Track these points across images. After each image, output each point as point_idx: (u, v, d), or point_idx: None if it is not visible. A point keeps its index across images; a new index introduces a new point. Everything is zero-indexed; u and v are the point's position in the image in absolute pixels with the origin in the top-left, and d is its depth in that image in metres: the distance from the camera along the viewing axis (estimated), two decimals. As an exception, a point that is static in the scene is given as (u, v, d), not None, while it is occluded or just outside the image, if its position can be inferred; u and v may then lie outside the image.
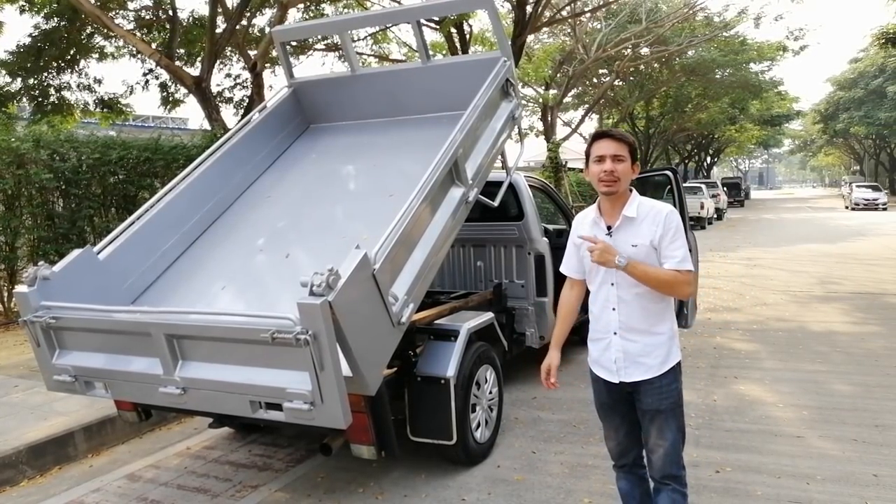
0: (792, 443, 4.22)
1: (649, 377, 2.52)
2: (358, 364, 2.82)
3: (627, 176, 2.50)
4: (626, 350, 2.53)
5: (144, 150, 8.57)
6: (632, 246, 2.48)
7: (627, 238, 2.50)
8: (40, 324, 3.26)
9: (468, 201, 3.98)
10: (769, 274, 11.76)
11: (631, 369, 2.54)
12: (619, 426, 2.70)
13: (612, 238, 2.52)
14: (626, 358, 2.53)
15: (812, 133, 57.56)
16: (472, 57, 6.08)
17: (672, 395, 2.54)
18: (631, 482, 2.78)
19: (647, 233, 2.47)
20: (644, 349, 2.52)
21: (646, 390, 2.53)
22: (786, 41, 24.21)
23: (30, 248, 7.90)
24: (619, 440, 2.73)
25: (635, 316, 2.52)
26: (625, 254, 2.45)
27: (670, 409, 2.54)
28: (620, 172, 2.47)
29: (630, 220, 2.51)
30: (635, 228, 2.50)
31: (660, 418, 2.54)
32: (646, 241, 2.47)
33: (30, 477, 4.07)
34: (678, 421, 2.57)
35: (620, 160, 2.48)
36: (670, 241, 2.46)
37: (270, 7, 13.14)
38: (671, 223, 2.47)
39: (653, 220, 2.48)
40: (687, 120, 34.48)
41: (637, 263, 2.43)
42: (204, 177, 4.35)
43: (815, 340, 6.84)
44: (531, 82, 23.99)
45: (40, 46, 12.41)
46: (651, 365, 2.52)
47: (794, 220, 26.78)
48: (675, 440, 2.56)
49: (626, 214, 2.51)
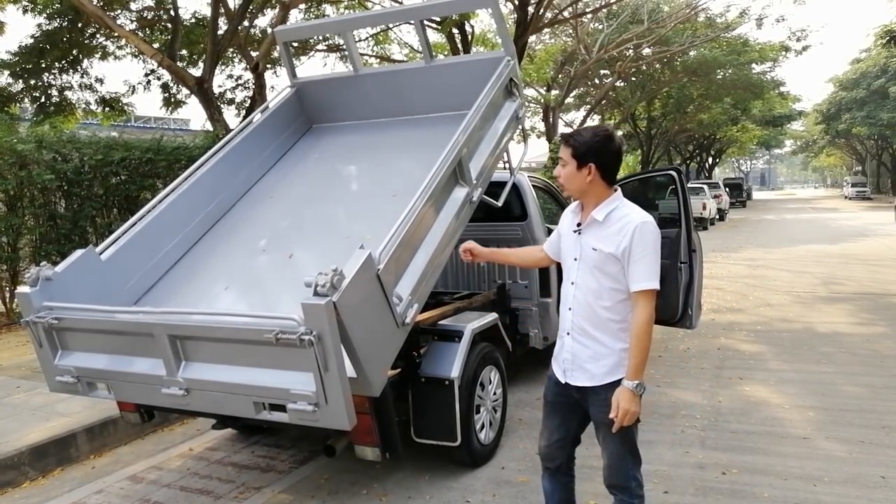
0: (798, 444, 4.20)
1: (592, 385, 2.45)
2: (362, 365, 2.80)
3: (571, 178, 2.44)
4: (574, 352, 2.48)
5: (147, 151, 8.56)
6: (592, 249, 2.42)
7: (590, 240, 2.44)
8: (42, 324, 3.24)
9: (472, 201, 3.95)
10: (772, 275, 11.73)
11: (576, 373, 2.49)
12: (555, 429, 2.64)
13: (580, 236, 2.48)
14: (574, 360, 2.49)
15: (814, 134, 57.46)
16: (476, 56, 6.06)
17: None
18: (553, 485, 2.71)
19: (610, 241, 2.37)
20: (592, 355, 2.44)
21: (592, 400, 2.48)
22: (788, 41, 24.19)
23: (32, 249, 7.88)
24: (550, 443, 2.65)
25: (587, 319, 2.44)
26: (586, 256, 2.42)
27: (613, 423, 2.39)
28: (563, 177, 2.46)
29: (597, 223, 2.43)
30: (600, 232, 2.42)
31: (603, 430, 2.48)
32: (606, 249, 2.38)
33: (32, 478, 4.05)
34: (622, 434, 2.42)
35: (563, 164, 2.46)
36: (638, 259, 2.34)
37: (272, 7, 13.12)
38: (641, 237, 2.34)
39: (619, 230, 2.36)
40: (689, 120, 34.42)
41: (631, 364, 2.34)
42: (206, 177, 4.32)
43: (820, 341, 6.81)
44: (533, 83, 23.97)
45: (42, 47, 12.40)
46: (595, 373, 2.44)
47: (796, 221, 26.75)
48: (619, 453, 2.48)
49: (594, 216, 2.43)
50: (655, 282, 2.35)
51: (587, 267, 2.45)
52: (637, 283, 2.35)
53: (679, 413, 4.81)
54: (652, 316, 2.36)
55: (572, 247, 2.52)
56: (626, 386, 2.34)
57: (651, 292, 2.35)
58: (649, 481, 3.70)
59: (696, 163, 48.64)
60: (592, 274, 2.43)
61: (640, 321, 2.35)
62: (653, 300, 2.36)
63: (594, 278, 2.43)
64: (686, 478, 3.77)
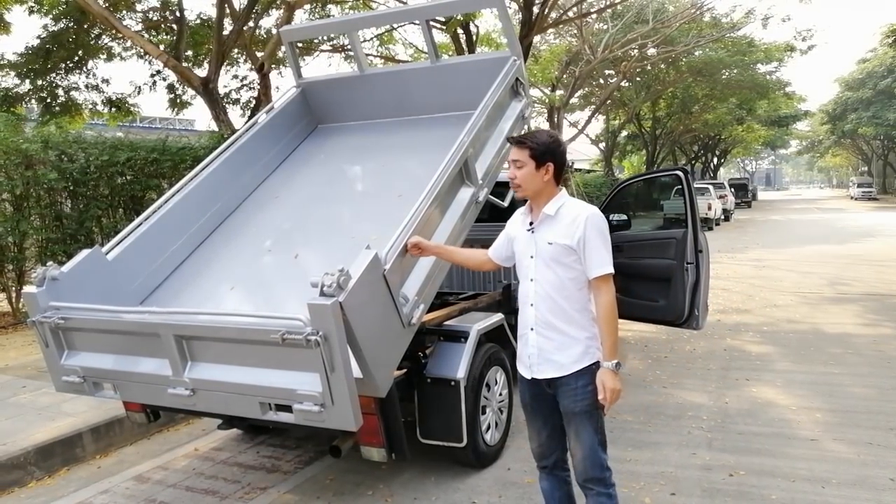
0: (806, 446, 4.17)
1: (560, 375, 2.53)
2: (369, 365, 2.79)
3: (529, 179, 2.55)
4: (540, 346, 2.56)
5: (152, 151, 8.58)
6: (548, 243, 2.53)
7: (545, 236, 2.55)
8: (49, 324, 3.24)
9: (478, 202, 3.95)
10: (778, 275, 11.68)
11: (543, 366, 2.56)
12: (542, 428, 2.70)
13: (534, 235, 2.58)
14: (540, 354, 2.56)
15: (820, 134, 57.22)
16: (482, 56, 6.04)
17: (587, 397, 2.51)
18: (552, 483, 2.79)
19: (564, 233, 2.50)
20: (558, 346, 2.53)
21: (562, 391, 2.55)
22: (793, 41, 24.09)
23: (38, 249, 7.91)
24: (541, 441, 2.72)
25: (550, 312, 2.53)
26: (541, 252, 2.53)
27: (585, 412, 2.52)
28: (520, 177, 2.55)
29: (549, 218, 2.56)
30: (553, 227, 2.54)
31: (575, 420, 2.54)
32: (561, 241, 2.50)
33: (38, 478, 4.06)
34: (594, 423, 2.54)
35: (519, 166, 2.55)
36: (594, 247, 2.48)
37: (277, 8, 13.13)
38: (594, 225, 2.48)
39: (572, 222, 2.50)
40: (694, 121, 34.33)
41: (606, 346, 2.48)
42: (212, 177, 4.33)
43: (828, 342, 6.77)
44: (537, 83, 23.94)
45: (48, 48, 12.43)
46: (563, 363, 2.52)
47: (802, 221, 26.65)
48: (591, 443, 2.54)
49: (546, 212, 2.56)
50: (611, 266, 2.50)
51: (544, 262, 2.55)
52: (596, 269, 2.49)
53: (685, 414, 4.79)
54: (614, 297, 2.51)
55: (527, 246, 2.62)
56: (607, 367, 2.46)
57: (609, 276, 2.50)
58: (656, 483, 3.70)
59: (701, 163, 48.51)
60: (550, 268, 2.53)
61: (605, 304, 2.49)
62: (612, 283, 2.52)
63: (552, 272, 2.53)
64: (693, 479, 3.75)
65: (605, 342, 2.50)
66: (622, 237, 5.65)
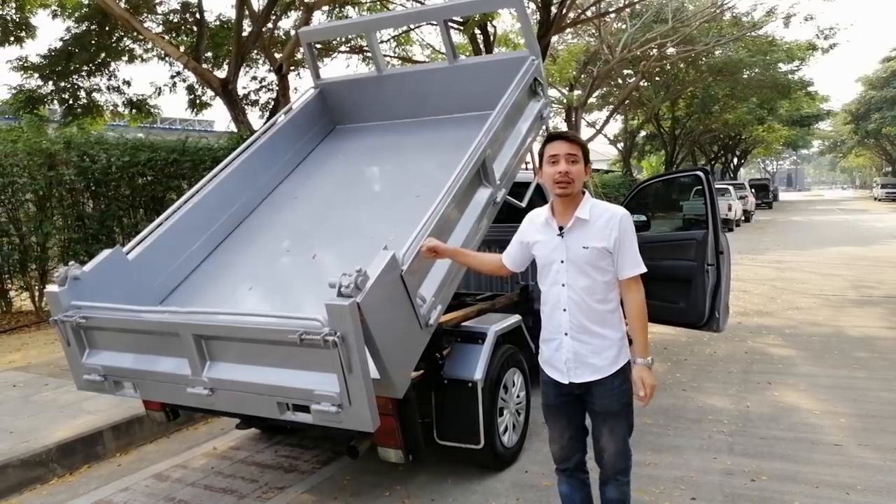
0: (830, 451, 4.10)
1: (599, 378, 2.55)
2: (386, 366, 2.79)
3: (581, 177, 2.53)
4: (576, 351, 2.55)
5: (172, 152, 8.67)
6: (583, 248, 2.51)
7: (579, 240, 2.53)
8: (70, 323, 3.27)
9: (496, 202, 3.93)
10: (800, 277, 11.51)
11: (581, 370, 2.56)
12: (565, 429, 2.70)
13: (564, 239, 2.55)
14: (577, 359, 2.56)
15: (842, 134, 56.42)
16: (500, 56, 6.02)
17: (624, 396, 2.59)
18: (572, 486, 2.78)
19: (600, 236, 2.50)
20: (594, 350, 2.54)
21: (598, 392, 2.57)
22: (816, 40, 23.75)
23: (60, 249, 8.02)
24: (563, 444, 2.72)
25: (585, 317, 2.54)
26: (574, 257, 2.51)
27: (622, 410, 2.59)
28: (574, 174, 2.51)
29: (583, 223, 2.54)
30: (587, 231, 2.53)
31: (612, 419, 2.59)
32: (598, 245, 2.50)
33: (59, 475, 4.11)
34: (628, 420, 2.64)
35: (574, 161, 2.52)
36: (628, 248, 2.52)
37: (296, 9, 13.21)
38: (626, 227, 2.52)
39: (606, 224, 2.51)
40: (714, 121, 33.97)
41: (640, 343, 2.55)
42: (231, 178, 4.35)
43: (852, 345, 6.66)
44: (555, 83, 23.83)
45: (71, 50, 12.63)
46: (600, 366, 2.54)
47: (824, 223, 26.25)
48: (624, 438, 2.63)
49: (579, 216, 2.53)
50: (643, 265, 2.55)
51: (577, 267, 2.53)
52: (630, 270, 2.53)
53: (706, 418, 4.73)
54: (644, 296, 2.57)
55: (555, 251, 2.58)
56: (643, 363, 2.53)
57: (639, 276, 2.55)
58: (676, 487, 3.65)
59: (722, 163, 48.03)
60: (584, 272, 2.52)
61: (639, 303, 2.55)
62: (641, 282, 2.57)
63: (586, 276, 2.52)
64: (714, 484, 3.69)
65: (638, 340, 2.55)
66: (641, 238, 5.59)
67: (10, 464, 3.92)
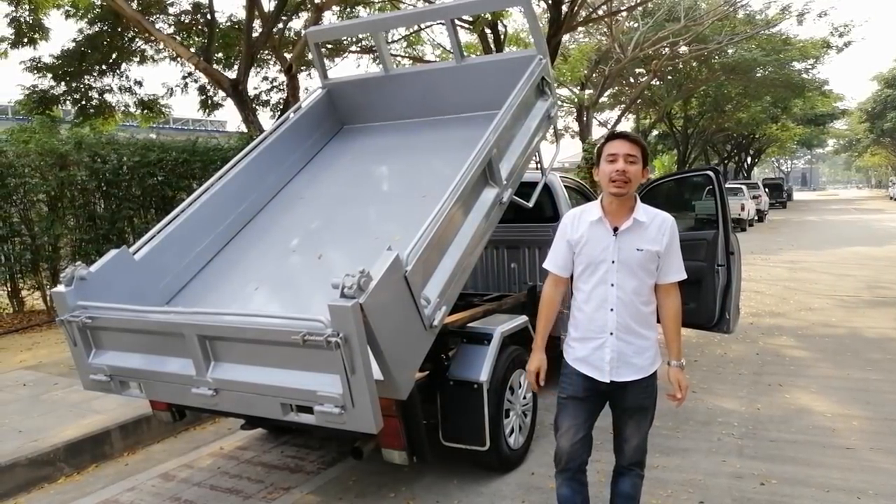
0: (842, 454, 4.04)
1: (640, 377, 2.60)
2: (389, 367, 2.77)
3: (638, 178, 2.54)
4: (620, 350, 2.58)
5: (182, 152, 8.71)
6: (637, 250, 2.53)
7: (634, 242, 2.54)
8: (77, 323, 3.28)
9: (502, 202, 3.90)
10: (814, 277, 11.38)
11: (623, 370, 2.59)
12: (581, 426, 2.68)
13: (618, 240, 2.55)
14: (620, 358, 2.58)
15: (857, 132, 55.77)
16: (507, 55, 5.97)
17: (654, 393, 2.70)
18: (573, 489, 2.76)
19: (653, 239, 2.54)
20: (637, 350, 2.59)
21: (633, 390, 2.62)
22: (830, 38, 23.50)
23: (72, 249, 8.08)
24: (574, 441, 2.69)
25: (631, 317, 2.57)
26: (627, 258, 2.53)
27: (651, 406, 2.70)
28: (632, 174, 2.51)
29: (640, 225, 2.55)
30: (643, 233, 2.55)
31: (640, 414, 2.68)
32: (651, 248, 2.53)
33: (67, 474, 4.13)
34: (653, 414, 2.74)
35: (633, 161, 2.51)
36: (675, 253, 2.59)
37: (306, 10, 13.24)
38: (675, 233, 2.59)
39: (658, 228, 2.56)
40: (727, 119, 33.69)
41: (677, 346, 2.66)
42: (238, 178, 4.35)
43: (866, 347, 6.56)
44: (567, 82, 23.74)
45: (83, 50, 12.71)
46: (642, 366, 2.60)
47: (838, 223, 25.96)
48: (647, 432, 2.73)
49: (638, 218, 2.55)
50: (684, 272, 2.64)
51: (628, 268, 2.54)
52: (675, 275, 2.61)
53: (715, 420, 4.67)
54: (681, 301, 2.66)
55: (606, 250, 2.57)
56: (678, 365, 2.64)
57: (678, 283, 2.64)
58: (684, 490, 3.61)
59: (735, 163, 47.64)
60: (635, 274, 2.55)
61: (677, 307, 2.64)
62: (679, 287, 2.66)
63: (636, 278, 2.55)
64: (723, 487, 3.65)
65: (675, 343, 2.66)
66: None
67: (18, 463, 3.94)
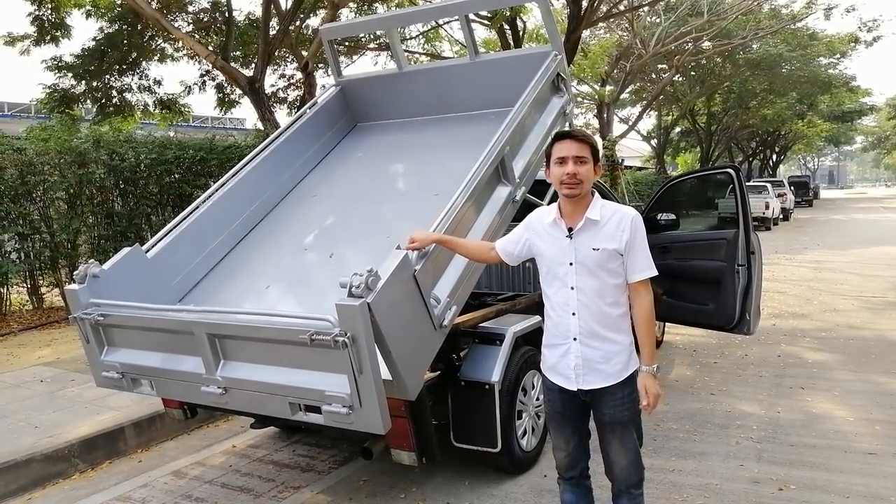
0: (863, 460, 3.92)
1: (608, 385, 2.46)
2: (398, 368, 2.73)
3: (590, 178, 2.45)
4: (585, 356, 2.46)
5: (199, 150, 8.76)
6: (592, 249, 2.42)
7: (589, 241, 2.44)
8: (89, 321, 3.29)
9: (515, 200, 3.84)
10: (839, 278, 11.14)
11: (590, 376, 2.47)
12: (571, 437, 2.62)
13: (573, 241, 2.45)
14: (586, 364, 2.47)
15: (887, 129, 54.62)
16: (522, 52, 5.90)
17: (632, 406, 2.50)
18: (576, 495, 2.71)
19: (611, 237, 2.42)
20: (604, 356, 2.46)
21: (605, 401, 2.48)
22: (858, 32, 23.02)
23: (90, 246, 8.16)
24: (569, 451, 2.64)
25: (595, 321, 2.45)
26: (584, 258, 2.42)
27: (630, 420, 2.51)
28: (583, 175, 2.42)
29: (593, 223, 2.44)
30: (597, 232, 2.44)
31: (620, 429, 2.51)
32: (609, 246, 2.41)
33: (81, 470, 4.15)
34: (637, 429, 2.56)
35: (583, 162, 2.43)
36: (640, 250, 2.44)
37: (322, 7, 13.25)
38: (638, 228, 2.44)
39: (617, 225, 2.43)
40: (751, 116, 33.14)
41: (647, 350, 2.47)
42: (251, 175, 4.35)
43: (891, 350, 6.40)
44: (587, 79, 23.54)
45: (103, 50, 12.86)
46: (610, 372, 2.46)
47: (866, 222, 25.45)
48: (635, 448, 2.54)
49: (590, 217, 2.44)
50: (654, 268, 2.46)
51: (587, 269, 2.44)
52: (640, 273, 2.44)
53: (734, 423, 4.57)
54: (653, 301, 2.48)
55: (563, 252, 2.48)
56: (648, 371, 2.45)
57: (649, 280, 2.47)
58: (700, 495, 3.53)
59: (760, 160, 46.93)
60: (594, 275, 2.44)
61: (647, 308, 2.47)
62: (650, 286, 2.48)
63: (596, 278, 2.44)
64: (740, 493, 3.56)
65: (644, 346, 2.47)
66: (670, 237, 5.46)
67: (33, 458, 3.98)
